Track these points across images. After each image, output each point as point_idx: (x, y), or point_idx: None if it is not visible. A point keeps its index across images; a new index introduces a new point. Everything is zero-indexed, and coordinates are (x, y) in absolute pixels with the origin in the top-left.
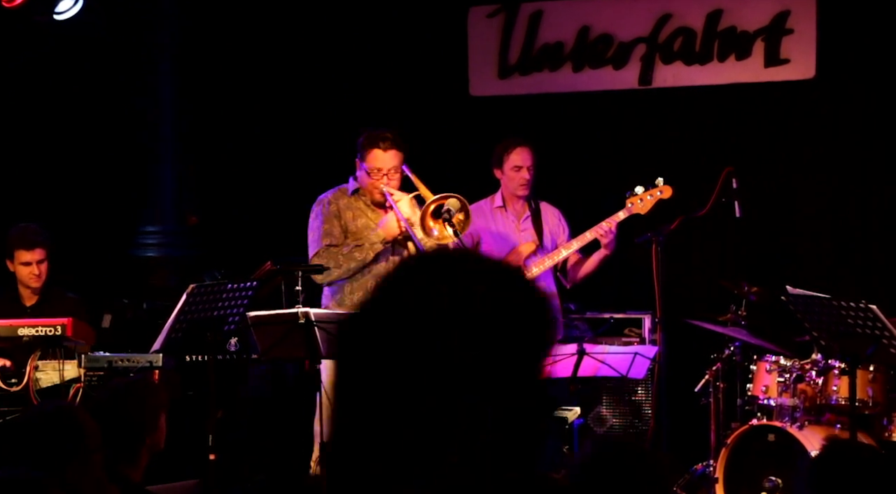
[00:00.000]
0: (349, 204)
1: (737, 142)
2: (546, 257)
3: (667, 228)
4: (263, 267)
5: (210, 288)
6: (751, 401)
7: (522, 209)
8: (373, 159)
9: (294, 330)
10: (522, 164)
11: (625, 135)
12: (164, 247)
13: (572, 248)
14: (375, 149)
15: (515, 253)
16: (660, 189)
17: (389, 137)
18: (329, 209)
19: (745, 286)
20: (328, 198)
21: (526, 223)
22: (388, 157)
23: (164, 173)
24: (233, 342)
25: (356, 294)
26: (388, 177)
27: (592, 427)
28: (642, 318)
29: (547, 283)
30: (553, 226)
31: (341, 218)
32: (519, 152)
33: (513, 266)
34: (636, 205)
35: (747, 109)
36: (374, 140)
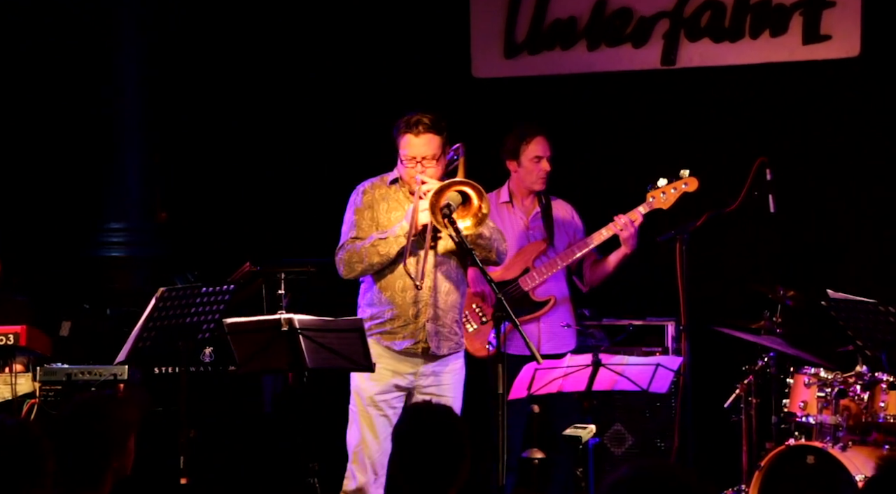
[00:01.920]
0: (387, 194)
1: (771, 129)
2: (558, 258)
3: (692, 225)
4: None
5: (182, 291)
6: (787, 419)
7: (532, 205)
8: (406, 146)
9: (276, 339)
10: (543, 154)
11: (645, 122)
12: (129, 246)
13: (587, 248)
14: (408, 135)
15: (524, 253)
16: (685, 181)
17: (424, 121)
18: (362, 199)
19: (781, 289)
20: (365, 187)
21: (536, 220)
22: (422, 144)
23: (129, 163)
24: (207, 352)
25: (385, 293)
26: (423, 165)
27: (609, 447)
28: (665, 326)
29: (559, 287)
30: (566, 223)
31: (374, 209)
32: (539, 141)
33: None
34: (658, 199)
35: (783, 92)
36: (407, 124)
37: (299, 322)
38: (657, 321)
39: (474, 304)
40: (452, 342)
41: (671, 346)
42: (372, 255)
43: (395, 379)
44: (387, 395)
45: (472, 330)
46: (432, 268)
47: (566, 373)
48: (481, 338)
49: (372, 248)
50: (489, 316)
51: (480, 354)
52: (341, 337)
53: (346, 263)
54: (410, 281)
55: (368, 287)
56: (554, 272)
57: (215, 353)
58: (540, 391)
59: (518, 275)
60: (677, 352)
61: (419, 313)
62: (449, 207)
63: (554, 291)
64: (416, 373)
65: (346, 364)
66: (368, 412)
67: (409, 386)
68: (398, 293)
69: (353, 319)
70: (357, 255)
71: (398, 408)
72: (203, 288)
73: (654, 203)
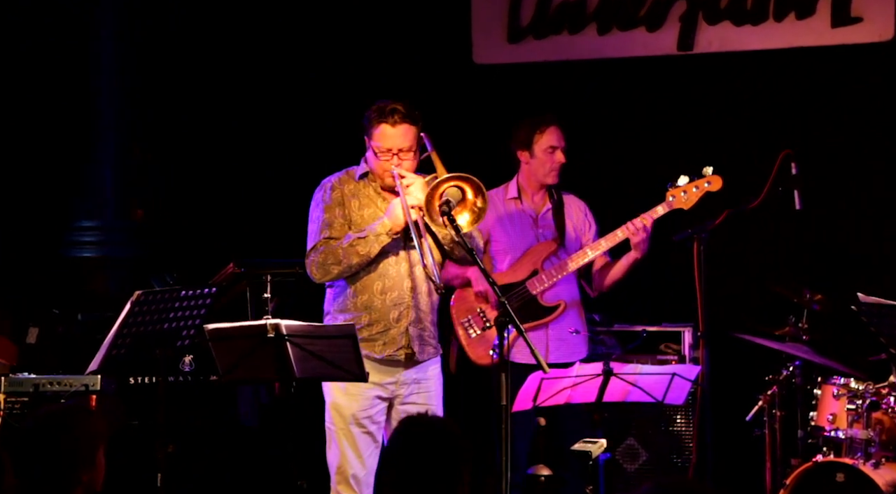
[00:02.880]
0: (356, 190)
1: (797, 120)
2: (569, 260)
3: (711, 224)
4: (225, 271)
5: (160, 295)
6: (814, 433)
7: (542, 201)
8: (380, 137)
9: (262, 347)
10: (558, 145)
11: (660, 112)
12: (102, 245)
13: (600, 249)
14: (383, 125)
15: (532, 254)
16: (707, 180)
17: (400, 110)
18: (331, 196)
19: (807, 293)
20: (332, 183)
21: (546, 218)
22: (398, 134)
23: (104, 156)
24: (187, 360)
25: (361, 296)
26: (400, 158)
27: (621, 463)
28: (682, 332)
29: (569, 291)
30: (578, 221)
31: (345, 206)
32: (554, 131)
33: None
34: (679, 198)
35: (810, 79)
36: (381, 113)
37: (286, 328)
38: (673, 327)
39: (478, 307)
40: (432, 346)
41: (688, 354)
42: (351, 256)
43: (375, 391)
44: (370, 411)
45: (474, 335)
46: (411, 268)
47: (575, 383)
48: (485, 345)
49: (350, 249)
50: (494, 321)
51: (483, 362)
52: (332, 345)
53: (320, 266)
54: (391, 283)
55: (339, 291)
56: (564, 275)
57: (196, 362)
58: (546, 402)
59: (526, 278)
60: (695, 361)
61: (401, 317)
62: (448, 204)
63: (563, 295)
64: (396, 382)
65: (337, 373)
66: (351, 430)
67: (391, 397)
68: (376, 296)
69: (344, 325)
70: (333, 256)
71: (381, 422)
72: (182, 291)
73: (674, 202)
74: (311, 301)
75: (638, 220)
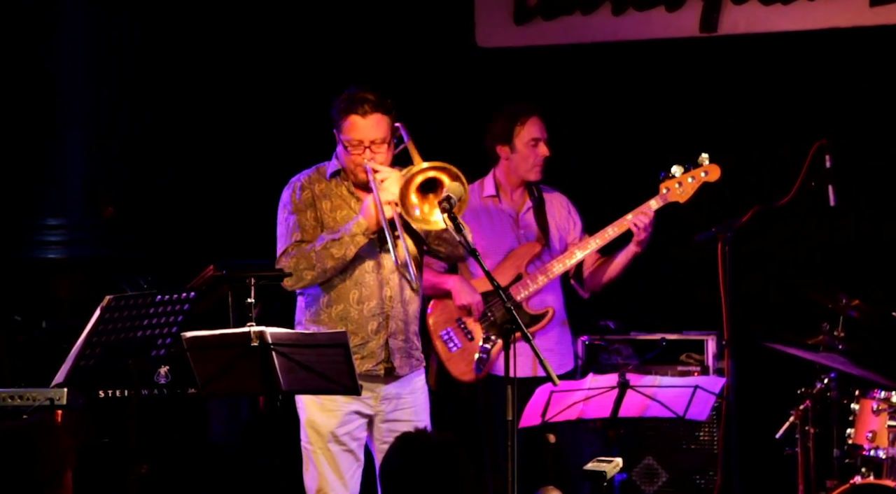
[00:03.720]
0: (328, 190)
1: (831, 108)
2: (555, 262)
3: (737, 222)
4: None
5: (132, 300)
6: (852, 452)
7: (522, 199)
8: (350, 129)
9: (245, 357)
10: (541, 137)
11: (680, 99)
12: (69, 245)
13: (590, 249)
14: (353, 116)
15: (515, 257)
16: (704, 169)
17: (370, 99)
18: (301, 196)
19: (843, 298)
20: (301, 182)
21: (527, 217)
22: (370, 125)
23: (70, 147)
24: (162, 372)
25: (336, 306)
26: (372, 150)
27: (639, 484)
28: (705, 340)
29: (555, 295)
30: (561, 219)
31: (316, 208)
32: (535, 122)
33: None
34: (673, 190)
35: (846, 63)
36: (350, 104)
37: (272, 336)
38: (695, 335)
39: (458, 319)
40: (415, 358)
41: (712, 365)
42: (325, 260)
43: (354, 406)
44: (349, 426)
45: (455, 349)
46: (390, 274)
47: (588, 397)
48: (467, 359)
49: (324, 251)
50: (476, 334)
51: (466, 378)
52: (322, 354)
53: (293, 270)
54: (368, 292)
55: (312, 300)
56: (552, 278)
57: (172, 373)
58: (557, 418)
59: (509, 283)
60: (719, 372)
61: (379, 328)
62: (449, 201)
63: (550, 301)
64: (376, 397)
65: (327, 385)
66: (330, 449)
67: (371, 413)
68: (353, 305)
69: (335, 333)
70: (306, 260)
71: (362, 439)
72: (157, 295)
73: (668, 195)
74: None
75: (631, 216)
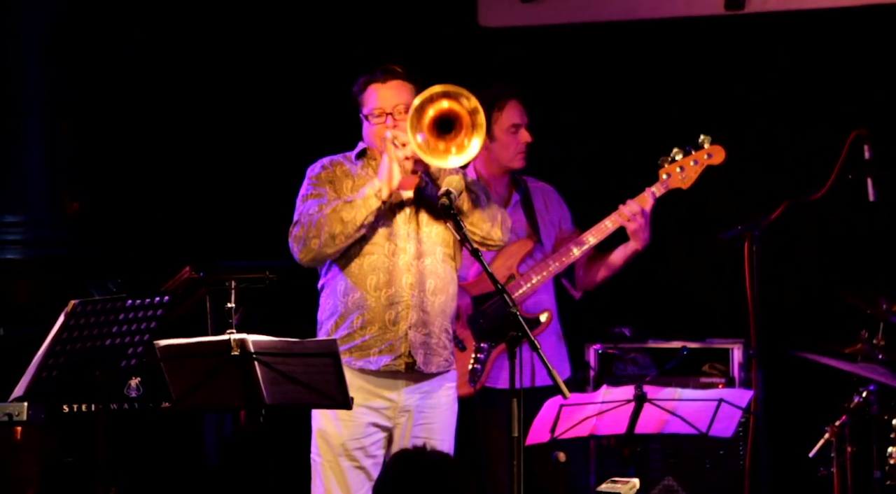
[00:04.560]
0: (350, 171)
1: (871, 93)
2: (550, 259)
3: (766, 219)
4: (180, 275)
5: (100, 305)
6: (894, 473)
7: (507, 192)
8: (371, 98)
9: (224, 367)
10: (521, 122)
11: (703, 83)
12: (29, 245)
13: (588, 244)
14: (373, 84)
15: (505, 256)
16: (707, 151)
17: (390, 68)
18: (322, 175)
19: (884, 303)
20: (325, 162)
21: (515, 211)
22: (391, 92)
23: (29, 137)
24: (133, 384)
25: (352, 294)
26: (395, 119)
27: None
28: (730, 349)
29: (548, 298)
30: (550, 211)
31: (336, 186)
32: (514, 106)
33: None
34: (675, 175)
35: (888, 43)
36: (370, 74)
37: (254, 344)
38: (719, 343)
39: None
40: (442, 357)
41: (738, 376)
42: (333, 223)
43: (371, 416)
44: (363, 440)
45: None
46: (413, 260)
47: (601, 411)
48: (459, 370)
49: (333, 214)
50: (468, 343)
51: (461, 392)
52: (309, 364)
53: (301, 241)
54: (386, 278)
55: (330, 292)
56: (546, 278)
57: (144, 386)
58: (567, 434)
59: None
60: (746, 384)
61: (398, 317)
62: (449, 195)
63: (546, 303)
64: (394, 407)
65: (315, 399)
66: (340, 463)
67: (390, 425)
68: (370, 292)
69: (324, 341)
70: (314, 227)
71: (378, 457)
72: (128, 300)
73: (669, 182)
74: (283, 312)
75: (634, 203)
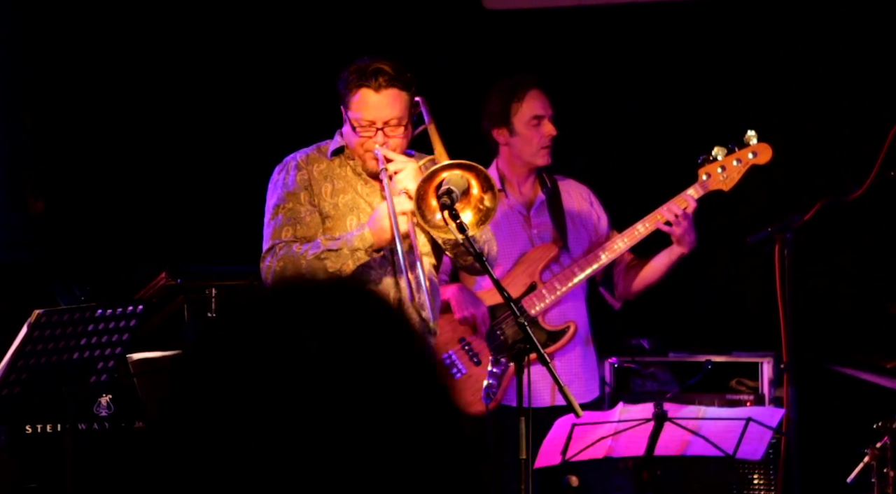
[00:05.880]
0: (329, 170)
1: None
2: (576, 267)
3: (799, 220)
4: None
5: (67, 315)
6: None
7: (533, 191)
8: (360, 105)
9: None
10: (544, 113)
11: (725, 71)
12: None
13: (617, 250)
14: (364, 89)
15: (527, 262)
16: (752, 150)
17: (386, 71)
18: (296, 179)
19: None
20: (296, 161)
21: (540, 213)
22: (384, 102)
23: None
24: (104, 402)
25: None
26: (386, 134)
27: None
28: (759, 363)
29: (577, 309)
30: (582, 214)
31: (313, 191)
32: (535, 95)
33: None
34: (715, 176)
35: None
36: (362, 75)
37: None
38: (747, 356)
39: (462, 339)
40: None
41: (768, 393)
42: (316, 271)
43: None
44: None
45: (459, 376)
46: (398, 278)
47: (617, 431)
48: (473, 387)
49: (318, 263)
50: (484, 357)
51: (474, 410)
52: None
53: (278, 275)
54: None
55: None
56: (572, 287)
57: (115, 403)
58: (580, 456)
59: (521, 294)
60: (777, 402)
61: None
62: (450, 194)
63: (571, 314)
64: None
65: None
66: None
67: None
68: None
69: None
70: (294, 267)
71: None
72: (98, 309)
73: (709, 183)
74: None
75: (667, 208)
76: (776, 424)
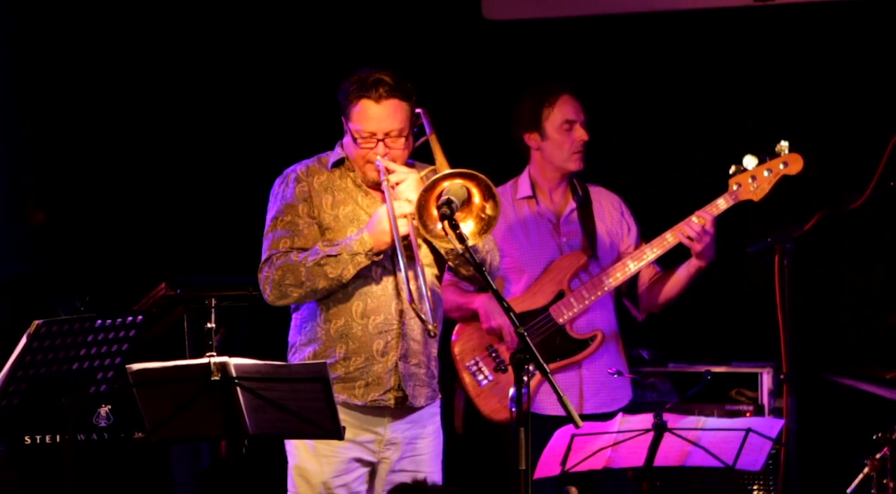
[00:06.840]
0: (329, 182)
1: None
2: (605, 275)
3: (798, 230)
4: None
5: (66, 325)
6: None
7: (564, 199)
8: (361, 117)
9: (204, 393)
10: (576, 118)
11: (730, 82)
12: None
13: (646, 260)
14: (364, 100)
15: (556, 271)
16: (783, 160)
17: (387, 82)
18: (295, 191)
19: None
20: (296, 173)
21: (570, 221)
22: (385, 114)
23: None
24: (103, 412)
25: (335, 321)
26: (387, 145)
27: None
28: (759, 373)
29: (605, 318)
30: (612, 223)
31: (312, 203)
32: (567, 101)
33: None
34: (745, 186)
35: None
36: (362, 86)
37: (236, 368)
38: (747, 367)
39: (488, 345)
40: (430, 388)
41: (768, 404)
42: (317, 278)
43: (354, 451)
44: (345, 477)
45: (485, 383)
46: (404, 283)
47: (617, 442)
48: (500, 394)
49: (317, 269)
50: (510, 360)
51: (500, 417)
52: (297, 390)
53: (276, 285)
54: (374, 304)
55: (308, 315)
56: (600, 296)
57: (114, 414)
58: (580, 467)
59: (549, 302)
60: (777, 412)
61: (387, 348)
62: (450, 204)
63: (599, 323)
64: (380, 440)
65: (303, 428)
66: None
67: (374, 460)
68: (356, 320)
69: (313, 364)
70: (293, 275)
71: (362, 492)
72: (98, 319)
73: (740, 193)
74: (268, 332)
75: (695, 221)
76: (776, 435)
